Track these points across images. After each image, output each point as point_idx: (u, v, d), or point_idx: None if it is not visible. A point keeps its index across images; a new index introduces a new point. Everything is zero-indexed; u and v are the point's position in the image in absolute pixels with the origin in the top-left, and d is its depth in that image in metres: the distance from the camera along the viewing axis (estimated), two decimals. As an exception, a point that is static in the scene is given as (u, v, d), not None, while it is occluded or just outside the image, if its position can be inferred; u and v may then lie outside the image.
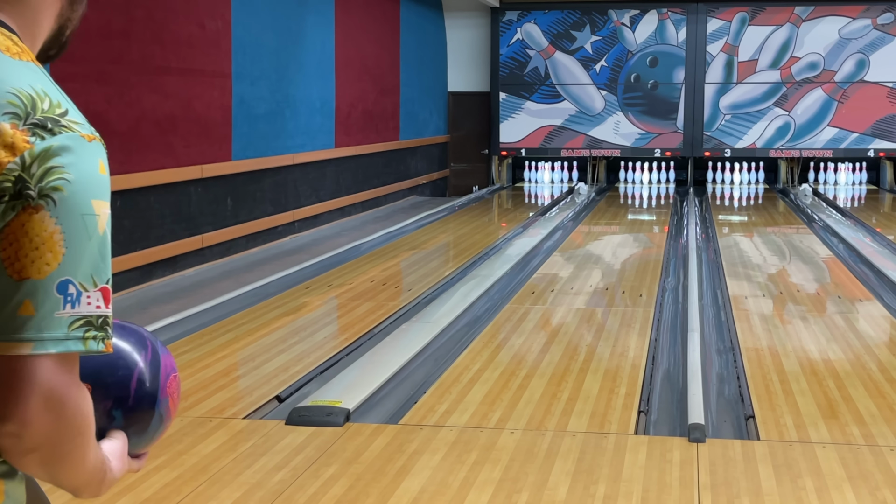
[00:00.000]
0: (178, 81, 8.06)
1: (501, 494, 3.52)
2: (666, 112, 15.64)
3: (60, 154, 1.18)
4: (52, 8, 1.42)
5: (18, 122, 1.17)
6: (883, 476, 3.69)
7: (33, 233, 1.14)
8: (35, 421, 1.16)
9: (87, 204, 1.19)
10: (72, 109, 1.25)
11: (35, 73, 1.26)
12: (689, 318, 6.12)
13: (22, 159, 1.15)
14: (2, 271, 1.14)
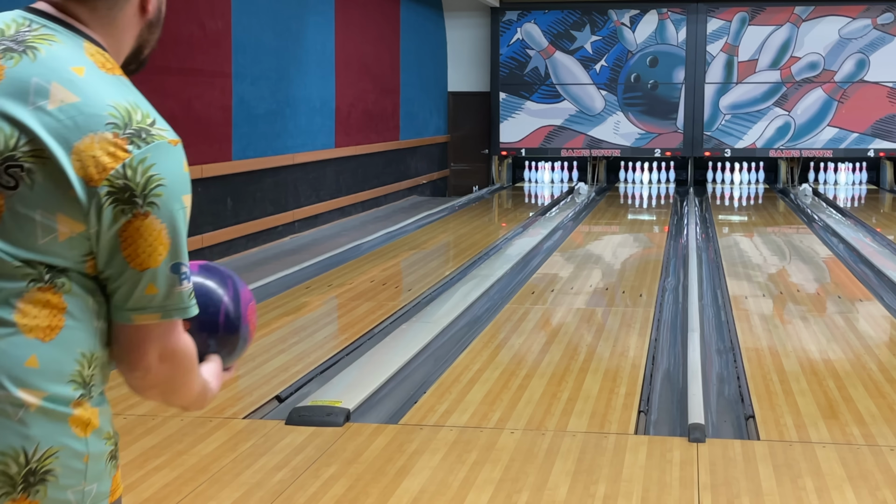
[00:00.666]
0: (178, 81, 8.06)
1: (501, 494, 3.52)
2: (666, 112, 15.64)
3: (155, 162, 1.45)
4: (134, 30, 1.69)
5: (119, 131, 1.42)
6: (883, 476, 3.69)
7: (146, 233, 1.44)
8: (154, 369, 1.51)
9: (179, 200, 1.51)
10: (157, 118, 1.49)
11: (126, 87, 1.53)
12: (689, 318, 6.12)
13: (123, 166, 1.41)
14: (126, 265, 1.45)
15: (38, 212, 1.41)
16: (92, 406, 1.49)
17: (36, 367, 1.42)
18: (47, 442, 1.44)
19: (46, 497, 1.47)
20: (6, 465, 1.43)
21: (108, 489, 1.54)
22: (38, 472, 1.45)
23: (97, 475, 1.51)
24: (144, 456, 3.92)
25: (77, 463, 1.48)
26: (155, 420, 4.37)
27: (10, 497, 1.45)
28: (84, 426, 1.49)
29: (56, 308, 1.44)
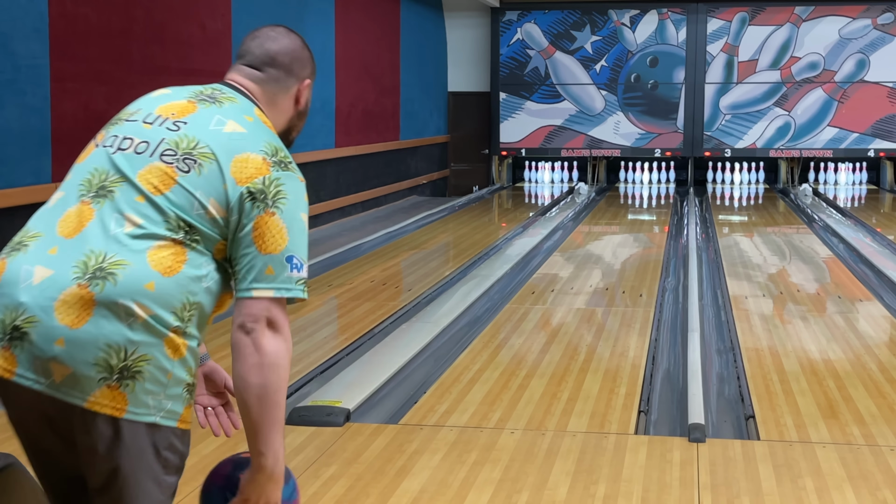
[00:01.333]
0: (178, 81, 8.02)
1: (501, 494, 3.52)
2: (666, 112, 15.64)
3: (285, 183, 2.00)
4: (288, 113, 2.23)
5: (267, 157, 2.01)
6: (883, 476, 3.69)
7: (272, 226, 1.96)
8: (264, 339, 1.95)
9: (298, 213, 2.00)
10: (293, 162, 2.06)
11: (278, 138, 2.10)
12: (689, 318, 6.12)
13: (264, 179, 1.98)
14: (254, 248, 1.95)
15: (198, 192, 1.96)
16: (184, 339, 1.93)
17: (152, 290, 1.88)
18: (143, 349, 1.87)
19: (133, 392, 1.88)
20: (109, 356, 1.85)
21: (179, 412, 2.03)
22: (131, 369, 1.87)
23: (173, 395, 1.96)
24: (144, 456, 3.92)
25: (161, 376, 1.91)
26: (155, 420, 4.37)
27: (107, 383, 1.86)
28: (174, 350, 1.92)
29: (181, 256, 1.92)
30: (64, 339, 1.84)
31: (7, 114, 6.13)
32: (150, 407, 1.92)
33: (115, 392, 1.87)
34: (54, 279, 1.87)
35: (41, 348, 1.84)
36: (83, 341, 1.84)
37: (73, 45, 6.68)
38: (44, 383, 1.86)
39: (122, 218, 1.93)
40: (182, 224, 1.94)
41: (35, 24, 6.32)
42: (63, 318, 1.84)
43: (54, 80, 6.50)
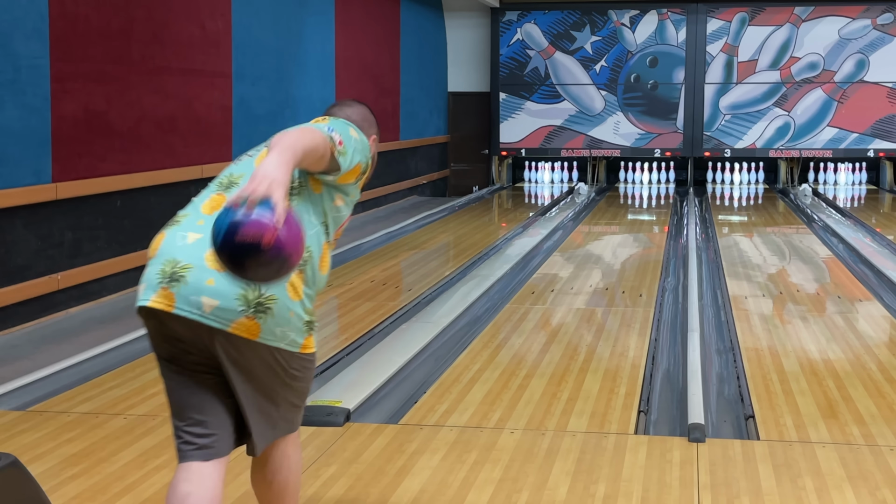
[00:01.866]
0: (178, 81, 8.06)
1: (501, 494, 3.52)
2: (666, 112, 15.64)
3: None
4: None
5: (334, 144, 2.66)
6: (883, 476, 3.69)
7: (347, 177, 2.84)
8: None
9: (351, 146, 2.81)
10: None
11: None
12: (689, 318, 6.12)
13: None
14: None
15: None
16: (301, 283, 2.54)
17: None
18: (272, 290, 2.46)
19: (265, 323, 2.47)
20: (248, 293, 2.44)
21: (300, 342, 2.58)
22: (264, 304, 2.45)
23: (295, 329, 2.55)
24: (144, 456, 3.92)
25: (285, 312, 2.50)
26: (155, 420, 4.37)
27: (245, 314, 2.45)
28: (295, 292, 2.52)
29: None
30: (213, 280, 2.43)
31: (7, 114, 6.13)
32: (276, 336, 2.51)
33: (251, 321, 2.46)
34: (203, 240, 2.46)
35: (195, 287, 2.44)
36: (228, 281, 2.41)
37: (73, 45, 6.68)
38: (197, 313, 2.43)
39: None
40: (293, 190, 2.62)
41: (35, 24, 6.32)
42: (212, 265, 2.43)
43: (54, 80, 6.50)
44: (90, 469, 3.79)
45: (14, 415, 4.46)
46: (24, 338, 6.03)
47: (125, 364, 5.31)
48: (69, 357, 5.41)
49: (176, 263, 2.47)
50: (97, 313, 6.69)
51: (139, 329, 6.04)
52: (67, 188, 6.64)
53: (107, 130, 7.11)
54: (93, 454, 3.95)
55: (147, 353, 5.54)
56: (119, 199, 7.27)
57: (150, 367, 5.24)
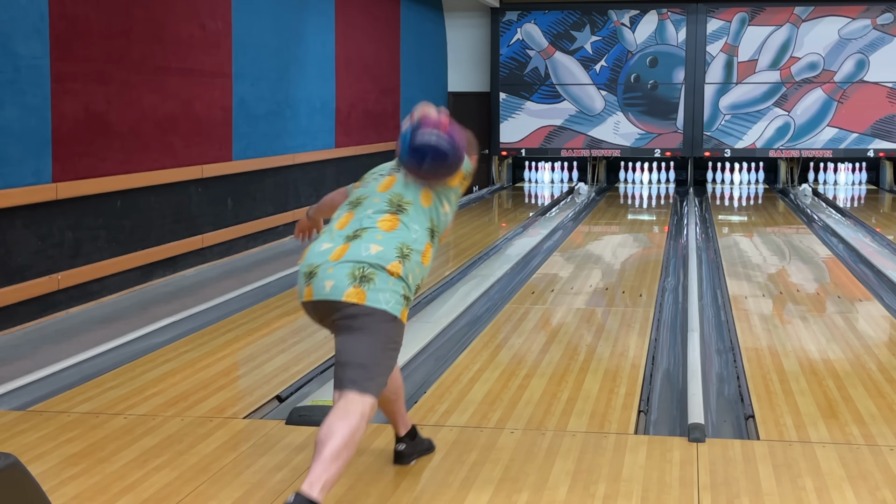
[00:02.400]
0: (178, 81, 8.06)
1: (501, 494, 3.52)
2: (666, 112, 15.64)
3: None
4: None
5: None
6: (883, 476, 3.70)
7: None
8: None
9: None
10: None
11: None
12: (689, 318, 6.13)
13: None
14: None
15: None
16: (402, 267, 3.33)
17: (380, 238, 3.36)
18: (372, 268, 3.29)
19: (368, 290, 3.27)
20: (355, 270, 3.29)
21: (398, 311, 3.31)
22: (367, 277, 3.28)
23: (392, 299, 3.30)
24: (144, 456, 3.92)
25: (385, 283, 3.30)
26: (155, 420, 4.37)
27: (353, 285, 3.27)
28: (394, 272, 3.31)
29: (396, 221, 3.42)
30: (332, 269, 3.30)
31: (7, 114, 6.13)
32: (380, 301, 3.27)
33: (358, 290, 3.26)
34: (331, 248, 3.37)
35: (322, 277, 3.31)
36: (341, 267, 3.30)
37: (73, 45, 6.68)
38: (322, 294, 3.30)
39: (369, 213, 3.47)
40: (399, 206, 3.47)
41: (35, 24, 6.32)
42: (333, 259, 3.32)
43: (54, 80, 6.50)
44: (90, 469, 3.79)
45: (14, 415, 4.46)
46: (24, 338, 6.03)
47: (125, 364, 5.31)
48: (69, 357, 5.41)
49: (312, 266, 3.35)
50: (97, 313, 6.69)
51: (139, 329, 6.05)
52: (67, 188, 6.64)
53: (107, 130, 7.11)
54: (93, 454, 3.95)
55: (147, 353, 5.54)
56: (119, 199, 7.28)
57: (150, 367, 5.25)
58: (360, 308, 3.26)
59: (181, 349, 5.63)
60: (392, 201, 3.47)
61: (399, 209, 3.44)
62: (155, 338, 5.91)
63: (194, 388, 4.87)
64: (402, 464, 3.81)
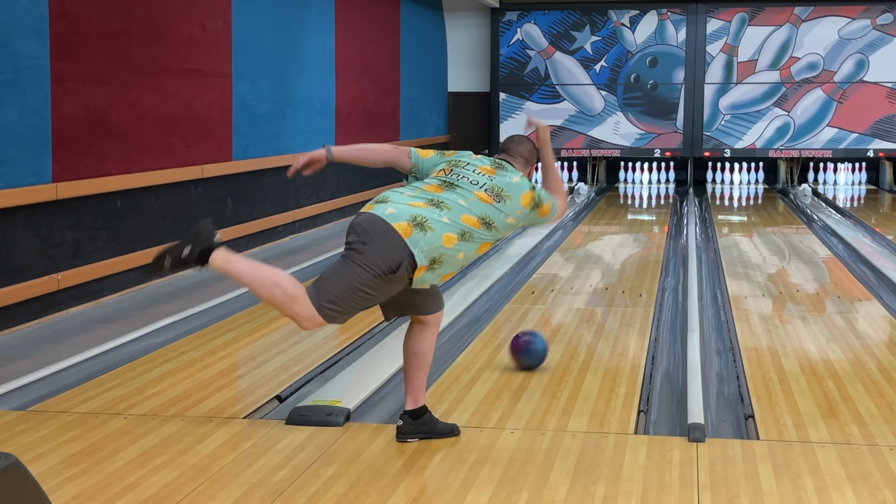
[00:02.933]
0: (178, 81, 8.06)
1: (501, 494, 3.52)
2: (666, 112, 15.64)
3: (540, 194, 4.19)
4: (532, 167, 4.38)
5: (532, 190, 4.18)
6: (882, 476, 3.70)
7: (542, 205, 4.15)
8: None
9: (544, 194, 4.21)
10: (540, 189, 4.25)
11: (530, 182, 4.21)
12: (689, 318, 6.13)
13: (534, 193, 4.16)
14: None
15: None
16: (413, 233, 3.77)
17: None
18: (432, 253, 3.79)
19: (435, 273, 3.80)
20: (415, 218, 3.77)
21: (435, 280, 3.83)
22: (437, 260, 3.78)
23: (431, 277, 3.81)
24: (144, 456, 3.92)
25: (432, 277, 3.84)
26: (155, 420, 4.37)
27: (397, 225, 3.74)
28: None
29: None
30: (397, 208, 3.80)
31: (7, 114, 6.13)
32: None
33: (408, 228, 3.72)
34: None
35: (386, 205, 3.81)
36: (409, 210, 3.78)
37: (73, 45, 6.68)
38: (379, 212, 3.83)
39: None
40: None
41: (35, 24, 6.32)
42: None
43: (54, 80, 6.50)
44: (90, 469, 3.79)
45: (14, 415, 4.46)
46: (24, 338, 6.03)
47: (125, 364, 5.31)
48: (69, 357, 5.41)
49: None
50: (97, 313, 6.69)
51: (139, 329, 6.04)
52: (67, 188, 6.64)
53: (107, 130, 7.11)
54: (93, 454, 3.95)
55: (147, 353, 5.54)
56: (119, 199, 7.28)
57: (150, 367, 5.25)
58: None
59: (181, 349, 5.63)
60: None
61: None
62: (155, 338, 5.91)
63: (194, 388, 4.87)
64: (400, 440, 3.99)
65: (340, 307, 3.75)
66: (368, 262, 3.71)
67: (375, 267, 3.71)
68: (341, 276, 3.75)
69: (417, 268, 3.74)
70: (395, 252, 3.70)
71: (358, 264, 3.72)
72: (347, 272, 3.73)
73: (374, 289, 3.74)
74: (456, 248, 3.81)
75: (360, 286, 3.72)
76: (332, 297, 3.74)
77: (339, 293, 3.73)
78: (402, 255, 3.71)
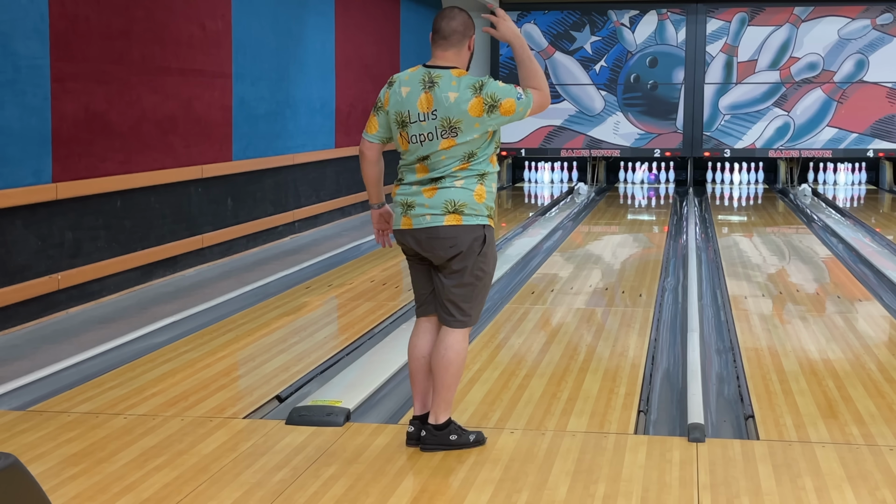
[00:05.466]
0: (178, 81, 8.06)
1: (501, 494, 3.52)
2: (665, 112, 15.65)
3: (491, 85, 3.86)
4: (466, 55, 3.95)
5: (478, 92, 3.82)
6: (882, 476, 3.70)
7: (505, 104, 3.87)
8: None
9: (500, 89, 3.87)
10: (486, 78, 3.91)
11: (468, 76, 3.88)
12: (689, 318, 6.13)
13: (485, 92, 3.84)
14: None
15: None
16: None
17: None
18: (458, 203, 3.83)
19: (461, 217, 3.83)
20: (446, 205, 3.82)
21: (486, 215, 3.87)
22: (459, 208, 3.82)
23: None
24: (144, 456, 3.92)
25: (473, 212, 3.85)
26: (155, 420, 4.37)
27: (445, 219, 3.82)
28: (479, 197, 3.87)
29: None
30: (427, 204, 3.83)
31: (7, 114, 6.14)
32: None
33: (454, 216, 3.82)
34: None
35: (419, 209, 3.84)
36: (434, 201, 3.82)
37: (73, 45, 6.68)
38: (425, 223, 3.83)
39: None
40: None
41: (35, 24, 6.32)
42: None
43: (54, 80, 6.50)
44: (90, 469, 3.79)
45: (14, 415, 4.46)
46: (24, 338, 6.03)
47: (125, 364, 5.31)
48: (69, 357, 5.41)
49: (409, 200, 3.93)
50: (97, 313, 6.69)
51: (139, 329, 6.05)
52: (67, 188, 6.64)
53: (107, 130, 7.11)
54: (93, 454, 3.95)
55: (147, 353, 5.54)
56: (119, 199, 7.28)
57: (150, 367, 5.25)
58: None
59: (181, 349, 5.63)
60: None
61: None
62: (155, 338, 5.91)
63: (194, 388, 4.87)
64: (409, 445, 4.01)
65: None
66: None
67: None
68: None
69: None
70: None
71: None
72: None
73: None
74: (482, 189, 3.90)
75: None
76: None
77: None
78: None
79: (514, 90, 3.84)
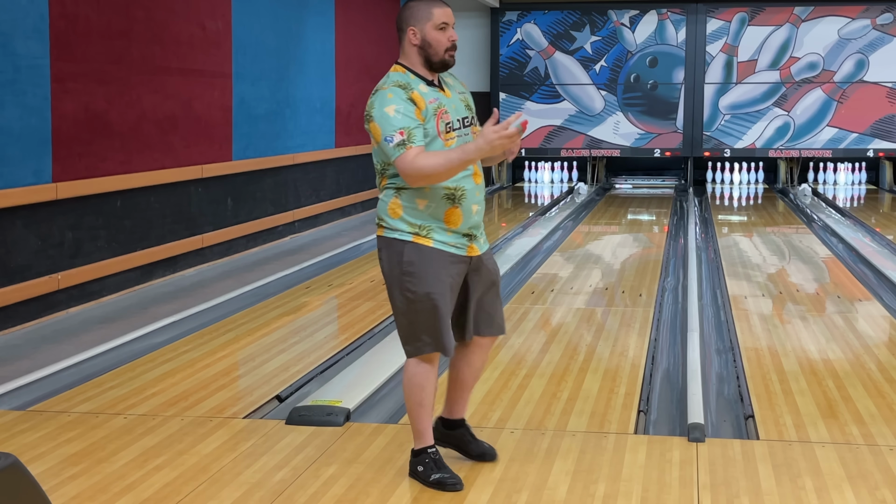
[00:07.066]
0: (178, 81, 8.06)
1: (501, 494, 3.52)
2: (665, 112, 15.64)
3: (374, 102, 3.46)
4: (414, 50, 3.54)
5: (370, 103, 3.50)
6: (882, 476, 3.70)
7: (372, 130, 3.44)
8: (409, 178, 3.43)
9: (382, 110, 3.42)
10: (387, 84, 3.48)
11: (388, 77, 3.53)
12: (689, 318, 6.13)
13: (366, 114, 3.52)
14: (375, 142, 3.44)
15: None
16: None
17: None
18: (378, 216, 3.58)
19: (383, 230, 3.57)
20: (377, 218, 3.59)
21: (406, 231, 3.52)
22: (379, 221, 3.57)
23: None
24: (144, 456, 3.92)
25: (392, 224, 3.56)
26: (155, 420, 4.37)
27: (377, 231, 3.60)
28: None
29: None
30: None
31: (7, 114, 6.14)
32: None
33: (379, 228, 3.59)
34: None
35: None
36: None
37: (73, 45, 6.68)
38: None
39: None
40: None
41: (35, 24, 6.32)
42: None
43: (54, 80, 6.50)
44: (90, 469, 3.79)
45: (14, 415, 4.47)
46: (24, 338, 6.03)
47: (125, 364, 5.31)
48: (69, 357, 5.41)
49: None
50: (97, 313, 6.69)
51: (139, 329, 6.05)
52: (67, 188, 6.64)
53: (107, 130, 7.11)
54: (93, 454, 3.95)
55: (147, 353, 5.54)
56: (119, 199, 7.28)
57: (150, 367, 5.25)
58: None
59: (181, 349, 5.63)
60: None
61: None
62: (155, 338, 5.91)
63: (194, 388, 4.87)
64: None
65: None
66: None
67: None
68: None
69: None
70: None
71: None
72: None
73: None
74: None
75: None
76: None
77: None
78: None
79: (392, 128, 3.36)
